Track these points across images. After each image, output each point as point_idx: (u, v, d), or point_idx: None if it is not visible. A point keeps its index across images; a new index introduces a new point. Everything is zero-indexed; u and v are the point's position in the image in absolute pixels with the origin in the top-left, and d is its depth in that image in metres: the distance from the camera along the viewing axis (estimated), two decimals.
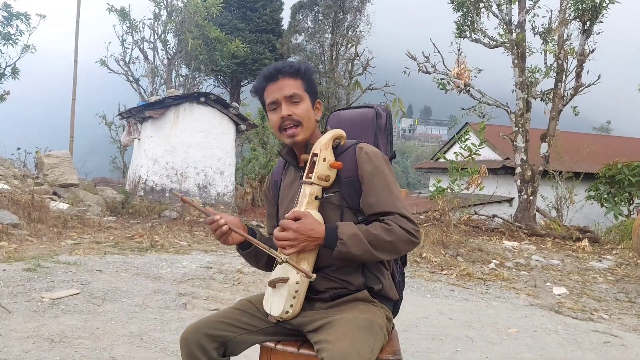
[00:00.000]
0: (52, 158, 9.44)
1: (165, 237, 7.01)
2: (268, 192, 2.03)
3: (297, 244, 1.65)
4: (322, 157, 1.74)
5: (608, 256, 7.72)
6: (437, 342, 3.62)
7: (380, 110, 2.06)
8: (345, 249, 1.65)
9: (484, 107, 11.35)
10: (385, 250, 1.68)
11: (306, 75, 1.84)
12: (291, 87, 1.80)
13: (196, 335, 1.71)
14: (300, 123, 1.79)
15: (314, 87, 1.86)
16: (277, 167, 2.03)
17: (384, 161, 1.79)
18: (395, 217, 1.69)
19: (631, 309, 4.99)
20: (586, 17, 10.18)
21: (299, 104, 1.80)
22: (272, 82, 1.82)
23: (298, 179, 1.87)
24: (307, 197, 1.73)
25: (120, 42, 16.12)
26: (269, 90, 1.82)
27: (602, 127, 50.49)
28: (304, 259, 1.71)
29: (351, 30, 19.77)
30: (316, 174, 1.73)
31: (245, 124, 11.25)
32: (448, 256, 6.74)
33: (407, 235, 1.68)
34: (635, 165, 10.69)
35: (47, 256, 5.30)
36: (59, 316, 3.59)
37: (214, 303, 4.19)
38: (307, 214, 1.68)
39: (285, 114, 1.78)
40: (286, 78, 1.81)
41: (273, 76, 1.82)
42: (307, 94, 1.83)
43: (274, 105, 1.82)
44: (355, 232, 1.66)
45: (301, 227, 1.65)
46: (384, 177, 1.75)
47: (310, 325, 1.71)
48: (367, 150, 1.78)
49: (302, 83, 1.82)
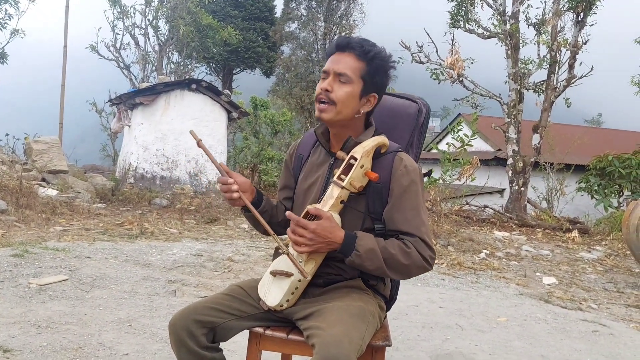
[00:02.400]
0: (41, 144, 9.32)
1: (155, 225, 6.96)
2: (290, 163, 1.95)
3: (312, 244, 1.60)
4: (361, 164, 1.65)
5: (597, 247, 7.78)
6: (427, 330, 3.62)
7: (422, 107, 1.94)
8: (359, 261, 1.61)
9: (476, 98, 11.34)
10: (398, 271, 1.65)
11: (373, 62, 1.72)
12: (348, 65, 1.69)
13: (185, 321, 1.69)
14: (334, 102, 1.69)
15: (377, 77, 1.73)
16: (306, 140, 1.94)
17: (419, 179, 1.73)
18: (416, 240, 1.65)
19: (619, 299, 5.03)
20: (580, 9, 10.17)
21: (344, 85, 1.69)
22: (339, 52, 1.72)
23: (327, 164, 1.80)
24: (334, 200, 1.66)
25: (110, 27, 15.92)
26: (331, 58, 1.73)
27: (593, 119, 50.76)
28: (312, 259, 1.67)
29: (345, 19, 19.69)
30: (350, 179, 1.65)
31: (237, 112, 11.17)
32: (439, 246, 6.75)
33: (422, 262, 1.64)
34: (626, 158, 10.75)
35: (35, 242, 5.25)
36: (47, 302, 3.55)
37: (204, 290, 4.16)
38: (330, 217, 1.62)
39: (324, 87, 1.69)
40: (351, 55, 1.71)
41: (342, 47, 1.72)
42: (362, 80, 1.71)
43: (324, 74, 1.73)
44: (373, 248, 1.61)
45: (318, 228, 1.59)
46: (415, 197, 1.69)
47: (301, 312, 1.69)
48: (406, 163, 1.71)
49: (363, 67, 1.71)
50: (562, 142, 13.45)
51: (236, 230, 7.19)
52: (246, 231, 7.13)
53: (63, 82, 14.27)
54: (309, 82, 20.28)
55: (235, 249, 5.80)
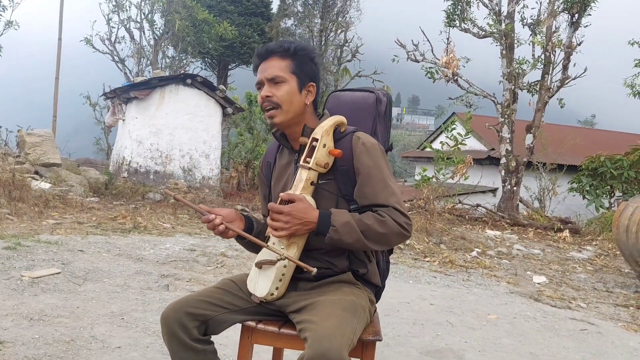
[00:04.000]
0: (34, 137, 9.28)
1: (148, 219, 6.96)
2: (262, 173, 2.00)
3: (289, 227, 1.64)
4: (323, 143, 1.71)
5: (588, 247, 7.84)
6: (418, 326, 3.65)
7: (381, 96, 2.00)
8: (337, 236, 1.65)
9: (471, 97, 11.37)
10: (377, 241, 1.68)
11: (297, 55, 1.78)
12: (275, 68, 1.76)
13: (177, 314, 1.70)
14: (279, 105, 1.74)
15: (305, 68, 1.79)
16: (271, 148, 2.00)
17: (380, 153, 1.77)
18: (389, 209, 1.69)
19: (608, 298, 5.08)
20: (575, 10, 10.22)
21: (280, 86, 1.75)
22: (263, 61, 1.79)
23: (292, 161, 1.84)
24: (303, 182, 1.70)
25: (105, 21, 15.84)
26: (259, 69, 1.79)
27: (586, 120, 51.03)
28: (294, 243, 1.71)
29: (341, 16, 19.67)
30: (315, 159, 1.70)
31: (232, 107, 11.15)
32: (431, 244, 6.79)
33: (399, 228, 1.68)
34: (618, 159, 10.81)
35: (27, 235, 5.24)
36: (39, 295, 3.55)
37: (196, 285, 4.17)
38: (302, 198, 1.67)
39: (263, 95, 1.75)
40: (275, 58, 1.77)
41: (263, 56, 1.79)
42: (294, 75, 1.77)
43: (259, 85, 1.79)
44: (348, 221, 1.65)
45: (293, 210, 1.64)
46: (379, 170, 1.73)
47: (293, 305, 1.71)
48: (364, 140, 1.75)
49: (290, 63, 1.77)
50: (555, 143, 13.53)
51: None
52: None
53: (57, 75, 14.18)
54: None
55: (228, 244, 5.81)
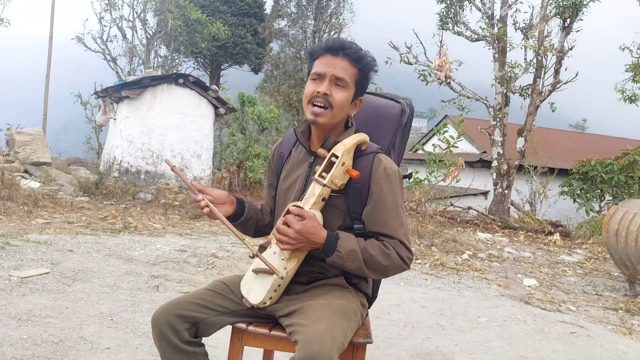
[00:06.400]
0: (24, 135, 9.20)
1: (139, 219, 6.91)
2: (272, 162, 1.97)
3: (295, 243, 1.63)
4: (342, 162, 1.67)
5: (578, 250, 7.89)
6: (409, 329, 3.65)
7: (405, 107, 1.95)
8: (340, 262, 1.65)
9: (463, 100, 11.42)
10: (377, 271, 1.69)
11: (365, 68, 1.74)
12: (346, 71, 1.70)
13: (168, 316, 1.69)
14: (331, 107, 1.70)
15: (365, 83, 1.77)
16: (287, 140, 1.94)
17: (399, 181, 1.74)
18: (395, 242, 1.69)
19: (598, 302, 5.11)
20: (567, 15, 10.30)
21: (341, 90, 1.70)
22: (331, 55, 1.72)
23: (307, 163, 1.81)
24: (315, 198, 1.68)
25: (97, 19, 15.76)
26: (323, 60, 1.72)
27: (577, 124, 51.32)
28: (294, 257, 1.70)
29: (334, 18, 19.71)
30: (331, 177, 1.67)
31: (224, 107, 11.13)
32: (423, 246, 6.80)
33: (401, 263, 1.68)
34: (608, 163, 10.90)
35: (16, 234, 5.18)
36: (27, 295, 3.51)
37: (186, 286, 4.15)
38: (313, 217, 1.64)
39: (322, 91, 1.69)
40: (345, 59, 1.71)
41: (335, 50, 1.72)
42: (355, 86, 1.73)
43: (317, 77, 1.72)
44: (354, 249, 1.64)
45: (303, 228, 1.61)
46: (394, 199, 1.72)
47: (284, 310, 1.70)
48: (386, 165, 1.72)
49: (357, 73, 1.73)
50: (546, 146, 13.62)
51: (220, 227, 7.17)
52: None
53: (48, 73, 14.09)
54: (297, 80, 20.26)
55: (219, 245, 5.79)
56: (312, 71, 1.74)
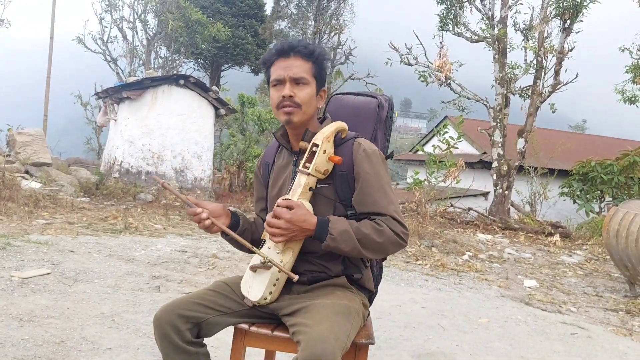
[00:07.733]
0: (24, 136, 9.21)
1: (139, 220, 6.92)
2: (259, 173, 1.99)
3: (287, 233, 1.65)
4: (323, 149, 1.70)
5: (578, 251, 7.89)
6: (410, 329, 3.66)
7: (383, 102, 2.01)
8: (334, 244, 1.65)
9: (463, 101, 11.41)
10: (373, 249, 1.69)
11: (319, 60, 1.79)
12: (300, 68, 1.74)
13: (170, 316, 1.69)
14: (299, 106, 1.74)
15: (323, 73, 1.81)
16: (270, 148, 1.98)
17: (380, 160, 1.77)
18: (387, 218, 1.70)
19: (598, 303, 5.11)
20: (567, 16, 10.30)
21: (303, 88, 1.74)
22: (283, 58, 1.76)
23: (291, 163, 1.84)
24: (302, 187, 1.70)
25: (98, 20, 15.77)
26: (278, 65, 1.76)
27: (577, 125, 51.33)
28: (289, 249, 1.71)
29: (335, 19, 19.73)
30: (314, 165, 1.70)
31: (224, 108, 11.13)
32: (423, 247, 6.81)
33: (396, 238, 1.69)
34: (608, 164, 10.90)
35: (17, 235, 5.19)
36: (29, 295, 3.52)
37: (188, 286, 4.15)
38: (300, 205, 1.66)
39: (287, 94, 1.73)
40: (298, 58, 1.75)
41: (285, 52, 1.76)
42: (314, 79, 1.77)
43: (277, 82, 1.76)
44: (346, 229, 1.65)
45: (294, 217, 1.63)
46: (379, 178, 1.74)
47: (287, 309, 1.71)
48: (365, 147, 1.76)
49: (312, 67, 1.77)
50: (546, 147, 13.61)
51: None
52: None
53: (48, 74, 14.10)
54: None
55: (220, 246, 5.79)
56: (271, 78, 1.79)
